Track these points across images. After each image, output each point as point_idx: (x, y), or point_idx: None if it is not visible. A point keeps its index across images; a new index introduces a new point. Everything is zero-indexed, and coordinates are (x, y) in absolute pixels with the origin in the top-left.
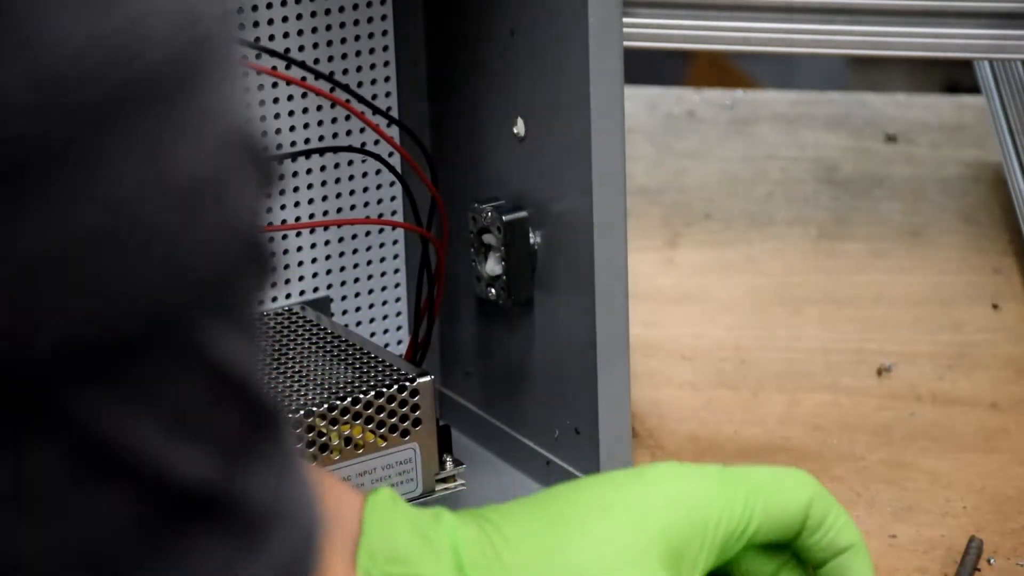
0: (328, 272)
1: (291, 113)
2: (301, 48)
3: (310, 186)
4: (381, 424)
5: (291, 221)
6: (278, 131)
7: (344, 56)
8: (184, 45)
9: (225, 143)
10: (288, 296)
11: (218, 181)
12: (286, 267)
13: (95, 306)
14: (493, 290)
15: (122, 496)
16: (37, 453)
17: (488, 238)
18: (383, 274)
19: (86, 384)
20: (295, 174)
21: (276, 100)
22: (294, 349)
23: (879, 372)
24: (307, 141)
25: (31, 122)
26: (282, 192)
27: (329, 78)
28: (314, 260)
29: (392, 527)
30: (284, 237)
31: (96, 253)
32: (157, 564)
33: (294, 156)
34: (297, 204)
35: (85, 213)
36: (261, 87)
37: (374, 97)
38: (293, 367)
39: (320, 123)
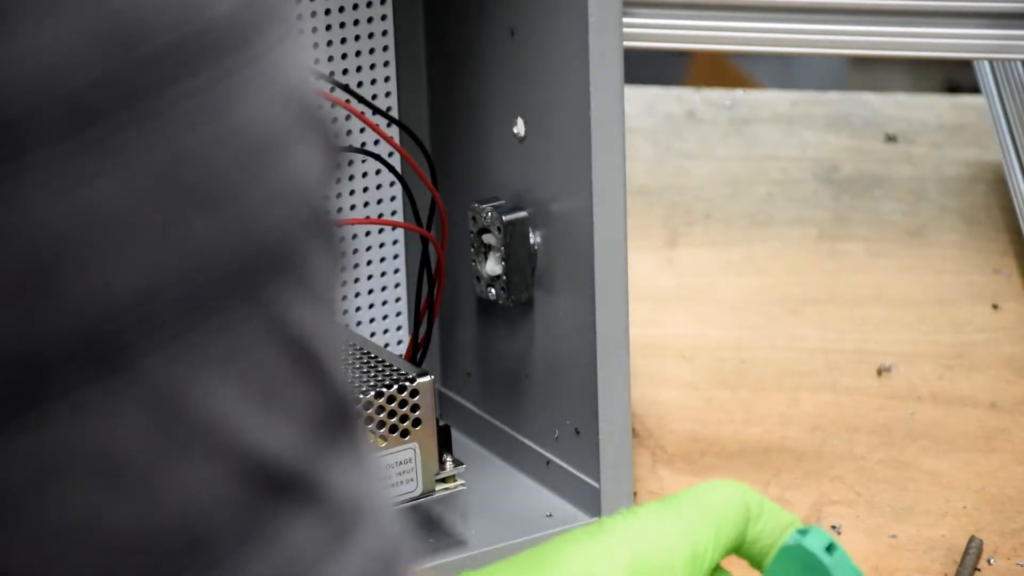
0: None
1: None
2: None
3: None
4: (381, 424)
5: None
6: None
7: (344, 56)
8: (246, 1)
9: (289, 103)
10: None
11: (282, 140)
12: None
13: (165, 262)
14: (493, 290)
15: (212, 468)
16: (123, 421)
17: (488, 238)
18: (383, 274)
19: (167, 348)
20: None
21: None
22: None
23: (879, 372)
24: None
25: (97, 73)
26: None
27: (329, 78)
28: None
29: None
30: None
31: (162, 206)
32: (255, 544)
33: None
34: None
35: (149, 165)
36: None
37: (374, 97)
38: None
39: None
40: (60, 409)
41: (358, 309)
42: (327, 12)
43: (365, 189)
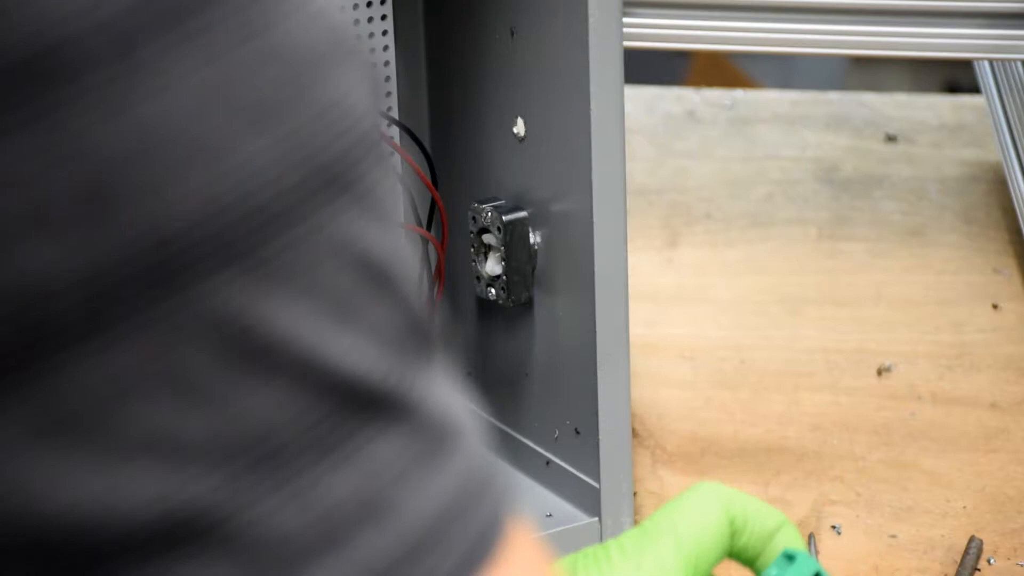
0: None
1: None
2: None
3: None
4: None
5: None
6: None
7: None
8: None
9: (326, 27)
10: None
11: (325, 61)
12: None
13: (222, 181)
14: (493, 290)
15: (285, 385)
16: (189, 339)
17: (488, 238)
18: None
19: (230, 267)
20: None
21: None
22: None
23: (879, 372)
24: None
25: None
26: None
27: None
28: None
29: None
30: None
31: (214, 125)
32: (336, 458)
33: None
34: None
35: (197, 85)
36: None
37: None
38: None
39: None
40: (125, 331)
41: None
42: None
43: None
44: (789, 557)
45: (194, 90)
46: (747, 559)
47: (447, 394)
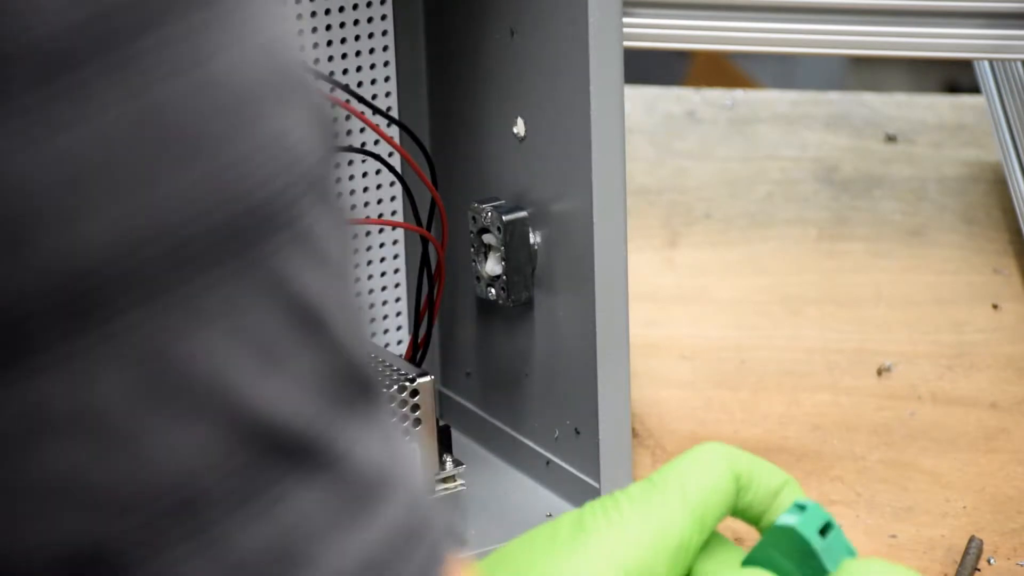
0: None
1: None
2: (301, 48)
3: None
4: None
5: None
6: None
7: (344, 56)
8: None
9: (272, 60)
10: None
11: (266, 95)
12: None
13: (145, 214)
14: (493, 290)
15: (204, 427)
16: (106, 377)
17: (488, 238)
18: (383, 274)
19: (152, 304)
20: None
21: None
22: None
23: (879, 372)
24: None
25: (67, 22)
26: None
27: (329, 78)
28: None
29: None
30: None
31: (138, 157)
32: (253, 509)
33: None
34: None
35: (123, 114)
36: None
37: (374, 97)
38: None
39: None
40: (40, 365)
41: None
42: (327, 12)
43: (365, 189)
44: (800, 507)
45: (119, 120)
46: (752, 516)
47: (383, 444)
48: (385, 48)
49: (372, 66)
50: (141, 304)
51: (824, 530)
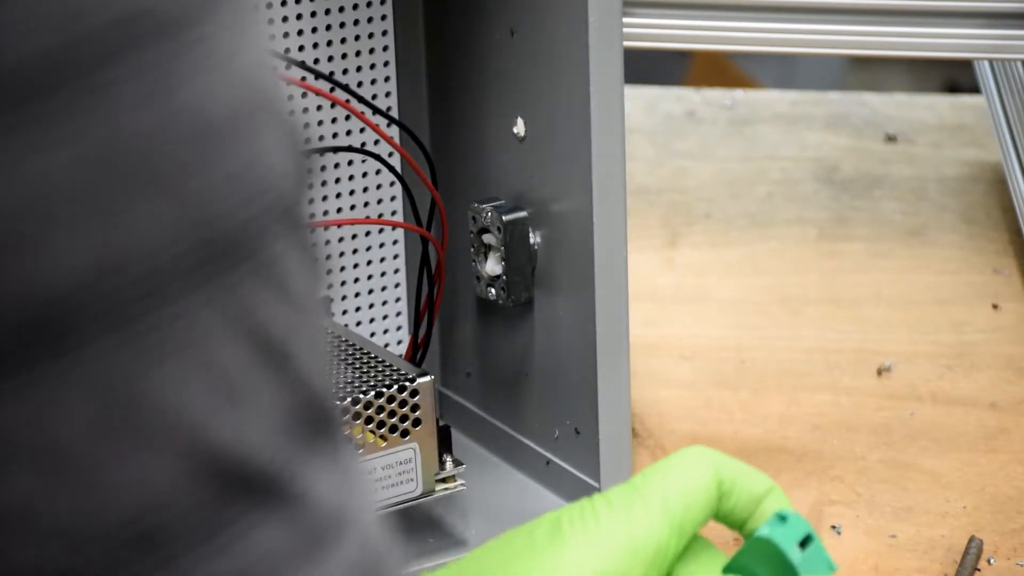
0: (328, 272)
1: (291, 113)
2: (301, 48)
3: (310, 186)
4: (381, 424)
5: None
6: None
7: (344, 56)
8: None
9: (246, 88)
10: None
11: (238, 124)
12: None
13: (111, 243)
14: (493, 290)
15: (165, 461)
16: (66, 407)
17: (488, 238)
18: (383, 274)
19: (115, 334)
20: None
21: None
22: None
23: (879, 372)
24: (307, 141)
25: (37, 48)
26: None
27: (329, 78)
28: None
29: None
30: None
31: (105, 185)
32: (213, 545)
33: None
34: None
35: (91, 142)
36: None
37: (374, 97)
38: None
39: (320, 123)
40: (0, 393)
41: (358, 309)
42: (327, 12)
43: (365, 189)
44: (782, 518)
45: (87, 148)
46: (734, 522)
47: (341, 481)
48: (385, 48)
49: (372, 66)
50: (104, 334)
51: (804, 542)
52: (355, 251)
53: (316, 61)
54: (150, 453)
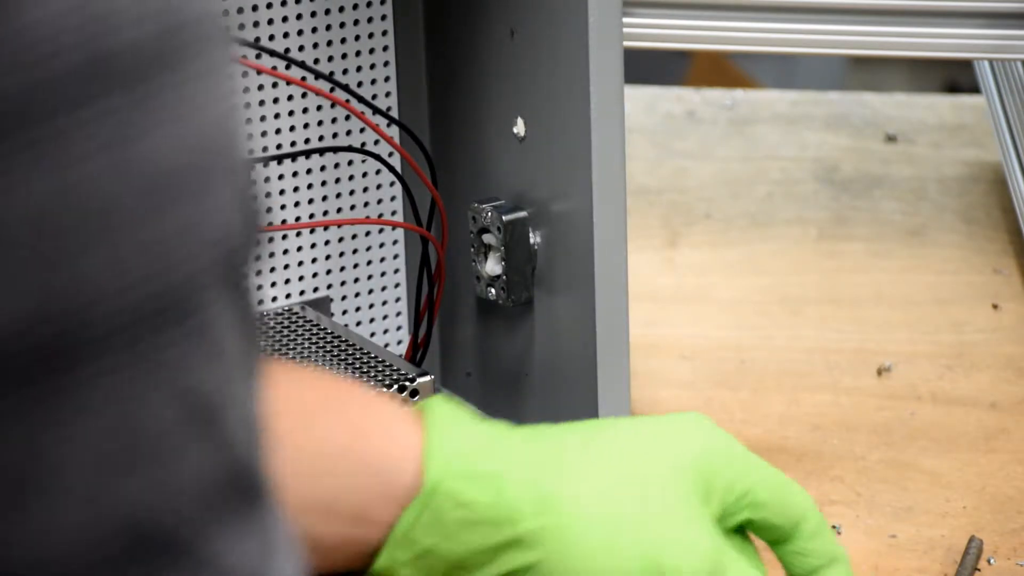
0: (328, 272)
1: (291, 113)
2: (301, 48)
3: (310, 186)
4: None
5: (291, 221)
6: (278, 131)
7: (344, 56)
8: (159, 31)
9: (201, 144)
10: (288, 296)
11: (188, 181)
12: (286, 267)
13: (41, 295)
14: (493, 290)
15: (69, 519)
16: None
17: (488, 238)
18: (383, 274)
19: (35, 385)
20: (295, 174)
21: (276, 100)
22: (294, 349)
23: (879, 372)
24: (307, 141)
25: None
26: (282, 192)
27: (329, 78)
28: (314, 260)
29: (462, 426)
30: (284, 237)
31: (45, 235)
32: None
33: (294, 156)
34: (297, 204)
35: (37, 190)
36: (261, 87)
37: (374, 97)
38: None
39: (320, 123)
40: None
41: (358, 309)
42: (327, 12)
43: (365, 189)
44: None
45: (32, 196)
46: (790, 567)
47: (259, 549)
48: (385, 48)
49: (372, 66)
50: (26, 385)
51: None
52: (355, 251)
53: (316, 61)
54: (58, 507)
